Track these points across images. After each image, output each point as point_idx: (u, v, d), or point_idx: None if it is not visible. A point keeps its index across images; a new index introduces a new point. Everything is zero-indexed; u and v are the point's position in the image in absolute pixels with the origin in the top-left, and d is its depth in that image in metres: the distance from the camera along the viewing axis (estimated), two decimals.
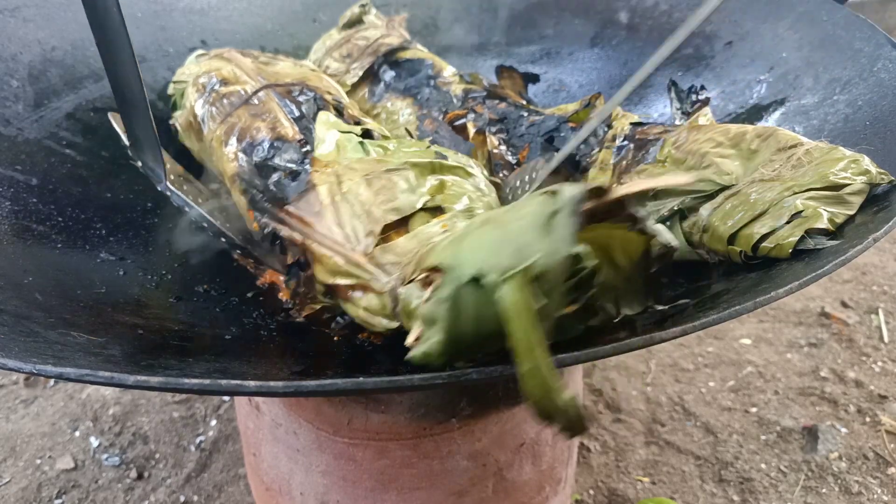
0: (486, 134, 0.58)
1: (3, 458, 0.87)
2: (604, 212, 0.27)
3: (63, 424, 0.92)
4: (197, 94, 0.59)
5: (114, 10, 0.42)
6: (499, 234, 0.26)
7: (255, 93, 0.55)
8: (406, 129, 0.64)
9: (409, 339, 0.30)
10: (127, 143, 0.50)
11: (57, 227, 0.52)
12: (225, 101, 0.56)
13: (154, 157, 0.50)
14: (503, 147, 0.58)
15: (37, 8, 0.65)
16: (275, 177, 0.48)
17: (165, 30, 0.74)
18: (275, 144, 0.50)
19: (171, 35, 0.74)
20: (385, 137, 0.51)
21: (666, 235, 0.30)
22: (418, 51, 0.70)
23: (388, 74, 0.67)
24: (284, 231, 0.45)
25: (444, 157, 0.47)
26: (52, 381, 0.99)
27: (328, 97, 0.55)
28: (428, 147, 0.48)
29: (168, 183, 0.50)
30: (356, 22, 0.75)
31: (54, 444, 0.89)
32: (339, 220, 0.42)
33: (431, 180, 0.42)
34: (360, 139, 0.49)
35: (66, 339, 0.37)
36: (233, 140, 0.53)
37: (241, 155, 0.52)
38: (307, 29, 0.81)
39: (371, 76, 0.69)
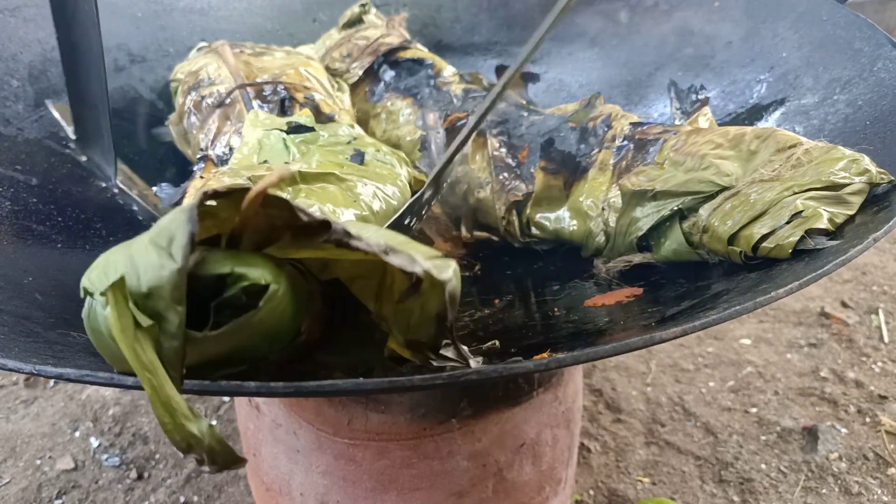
0: (487, 136, 0.58)
1: (3, 458, 0.87)
2: (277, 220, 0.25)
3: (63, 425, 0.92)
4: (183, 97, 0.59)
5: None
6: (123, 251, 0.24)
7: (229, 94, 0.55)
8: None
9: None
10: (72, 136, 0.48)
11: (57, 227, 0.52)
12: (203, 104, 0.56)
13: (103, 154, 0.48)
14: (504, 150, 0.58)
15: (37, 8, 0.65)
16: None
17: (165, 30, 0.74)
18: (234, 148, 0.50)
19: (171, 35, 0.74)
20: (318, 129, 0.50)
21: (397, 261, 0.24)
22: (418, 50, 0.70)
23: (388, 74, 0.67)
24: None
25: (361, 156, 0.45)
26: (52, 382, 0.99)
27: (298, 95, 0.55)
28: (348, 143, 0.47)
29: (118, 181, 0.48)
30: (356, 21, 0.75)
31: (54, 445, 0.89)
32: None
33: (288, 193, 0.40)
34: (284, 136, 0.48)
35: (66, 339, 0.37)
36: (210, 144, 0.53)
37: (214, 161, 0.52)
38: (307, 29, 0.81)
39: (371, 76, 0.69)
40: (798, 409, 0.91)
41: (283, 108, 0.53)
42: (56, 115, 0.54)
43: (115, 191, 0.49)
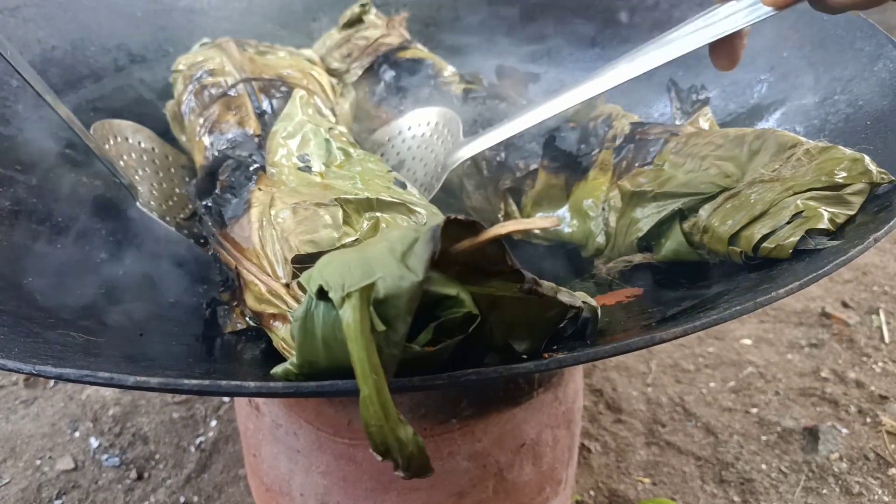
0: None
1: (2, 458, 0.87)
2: (480, 256, 0.26)
3: (63, 425, 0.92)
4: (183, 85, 0.59)
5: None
6: (357, 255, 0.26)
7: (233, 86, 0.56)
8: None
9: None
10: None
11: (57, 227, 0.52)
12: (205, 92, 0.57)
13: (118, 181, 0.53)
14: (503, 152, 0.58)
15: (37, 8, 0.65)
16: (226, 194, 0.47)
17: (165, 30, 0.74)
18: (237, 139, 0.51)
19: (171, 35, 0.74)
20: (352, 144, 0.51)
21: (565, 299, 0.30)
22: (418, 50, 0.70)
23: (388, 74, 0.67)
24: (222, 255, 0.45)
25: (403, 185, 0.46)
26: (51, 382, 0.99)
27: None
28: (389, 171, 0.48)
29: (139, 204, 0.52)
30: (356, 21, 0.75)
31: (54, 445, 0.89)
32: (263, 246, 0.41)
33: (366, 219, 0.41)
34: (327, 137, 0.49)
35: (66, 339, 0.37)
36: (205, 132, 0.54)
37: (208, 148, 0.52)
38: (307, 29, 0.81)
39: (371, 76, 0.69)
40: (799, 409, 0.91)
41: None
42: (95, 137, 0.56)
43: (142, 211, 0.53)
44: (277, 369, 0.29)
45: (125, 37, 0.71)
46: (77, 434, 0.90)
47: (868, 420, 0.88)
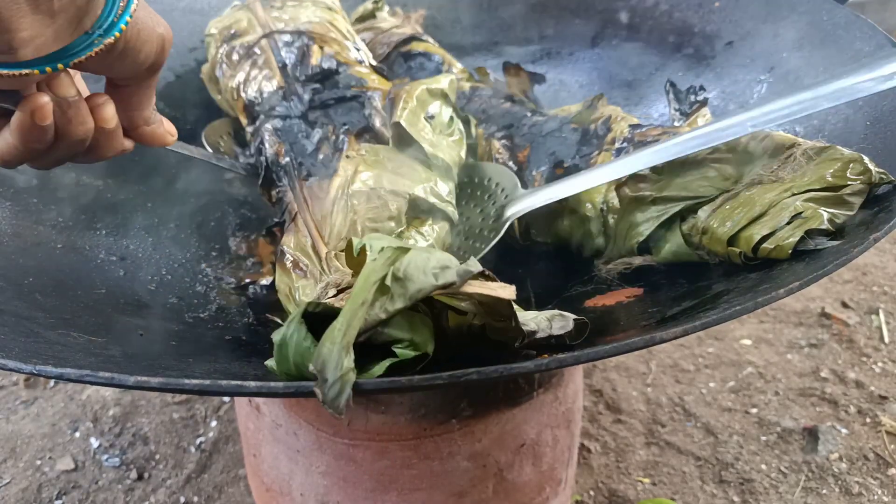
0: (491, 140, 0.59)
1: (3, 458, 0.87)
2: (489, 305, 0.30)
3: (63, 425, 0.92)
4: (216, 48, 0.63)
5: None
6: (402, 244, 0.30)
7: (257, 42, 0.60)
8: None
9: None
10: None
11: (57, 227, 0.52)
12: (234, 53, 0.60)
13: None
14: (506, 154, 0.58)
15: None
16: (320, 154, 0.51)
17: None
18: (265, 94, 0.56)
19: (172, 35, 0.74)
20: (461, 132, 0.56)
21: (559, 323, 0.32)
22: (429, 44, 0.70)
23: (400, 67, 0.68)
24: (289, 196, 0.50)
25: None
26: (52, 382, 0.99)
27: (315, 48, 0.59)
28: (451, 168, 0.53)
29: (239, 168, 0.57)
30: (368, 18, 0.76)
31: (54, 445, 0.89)
32: (330, 213, 0.46)
33: (417, 215, 0.47)
34: (452, 115, 0.54)
35: (66, 339, 0.37)
36: (240, 90, 0.58)
37: (247, 106, 0.56)
38: None
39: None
40: (798, 409, 0.91)
41: (304, 56, 0.58)
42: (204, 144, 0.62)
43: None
44: (270, 362, 0.31)
45: None
46: (77, 434, 0.90)
47: (868, 420, 0.88)
